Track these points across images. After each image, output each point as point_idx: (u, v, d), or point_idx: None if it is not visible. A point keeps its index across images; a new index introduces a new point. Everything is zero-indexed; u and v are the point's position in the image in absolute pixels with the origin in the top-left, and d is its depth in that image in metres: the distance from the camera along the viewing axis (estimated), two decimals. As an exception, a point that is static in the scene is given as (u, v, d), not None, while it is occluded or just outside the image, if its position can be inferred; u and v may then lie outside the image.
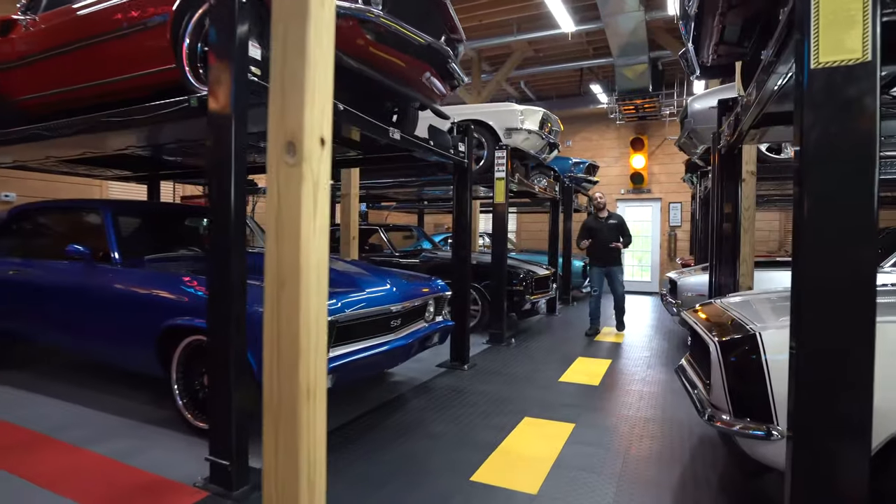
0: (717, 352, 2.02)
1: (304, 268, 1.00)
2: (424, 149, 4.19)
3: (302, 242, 1.00)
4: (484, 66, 10.40)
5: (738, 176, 4.06)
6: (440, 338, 4.32)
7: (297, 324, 1.00)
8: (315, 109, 1.02)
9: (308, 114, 1.00)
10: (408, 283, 3.94)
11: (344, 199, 6.12)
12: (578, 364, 5.21)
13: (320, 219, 1.04)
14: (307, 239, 1.01)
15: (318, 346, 1.04)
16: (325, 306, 1.08)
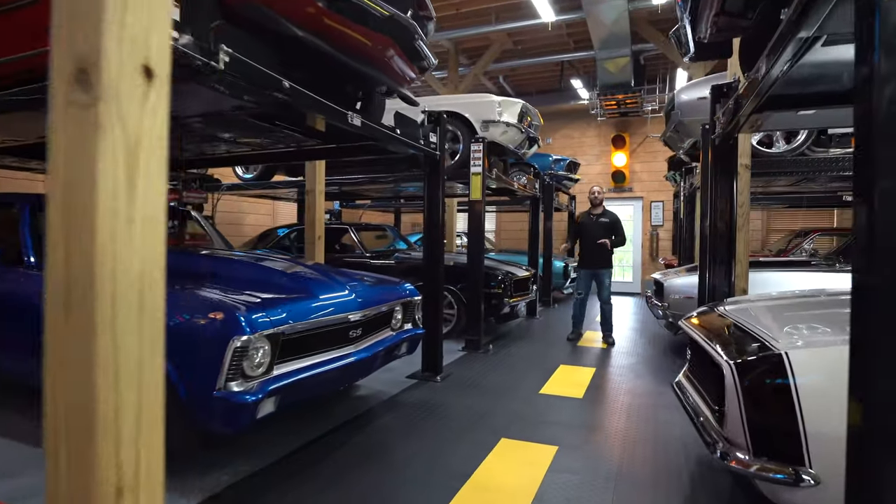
0: (734, 375, 1.64)
1: (101, 286, 0.58)
2: (390, 138, 3.76)
3: (98, 243, 0.58)
4: (461, 59, 10.01)
5: (734, 169, 3.72)
6: (409, 347, 3.91)
7: (91, 380, 0.57)
8: (131, 13, 0.60)
9: (112, 15, 0.58)
10: (371, 288, 3.52)
11: (308, 196, 5.66)
12: (561, 373, 4.83)
13: (143, 204, 0.62)
14: (109, 237, 0.58)
15: (142, 417, 0.62)
16: (156, 349, 0.66)
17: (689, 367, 2.45)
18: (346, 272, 4.08)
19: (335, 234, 7.38)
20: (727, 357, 1.69)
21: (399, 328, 3.84)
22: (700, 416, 1.97)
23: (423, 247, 4.59)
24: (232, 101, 2.70)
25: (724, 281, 3.80)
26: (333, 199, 11.55)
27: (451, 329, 6.27)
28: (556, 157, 10.39)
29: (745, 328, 1.89)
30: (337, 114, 3.12)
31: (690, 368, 2.42)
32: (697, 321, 2.30)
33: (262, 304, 2.58)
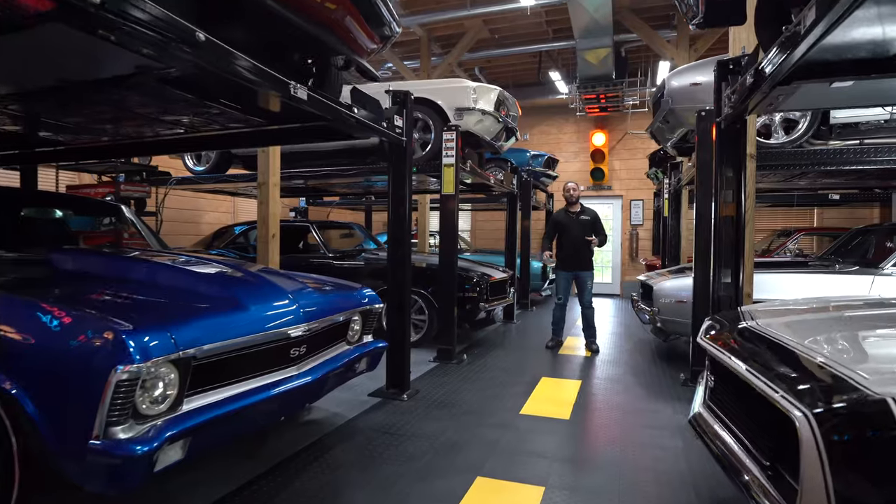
0: (815, 431, 1.13)
1: None
2: (347, 119, 3.19)
3: None
4: (434, 48, 9.46)
5: (741, 156, 3.26)
6: (370, 363, 3.34)
7: None
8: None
9: None
10: (322, 295, 2.94)
11: (261, 189, 5.04)
12: (543, 387, 4.32)
13: None
14: None
15: None
16: None
17: (712, 396, 1.95)
18: (295, 276, 3.49)
19: (295, 232, 6.76)
20: (801, 404, 1.18)
21: (357, 341, 3.27)
22: (743, 474, 1.46)
23: (388, 247, 4.03)
24: (130, 58, 2.10)
25: (730, 284, 3.33)
26: (299, 196, 10.92)
27: (421, 336, 5.72)
28: (535, 153, 9.93)
29: (808, 357, 1.39)
30: (274, 83, 2.53)
31: (714, 397, 1.91)
32: (728, 342, 1.79)
33: (166, 319, 1.98)
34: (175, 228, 9.14)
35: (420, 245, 9.09)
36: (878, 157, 4.44)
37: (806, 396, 1.19)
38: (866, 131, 4.84)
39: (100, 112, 3.12)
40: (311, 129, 3.55)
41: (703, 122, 4.39)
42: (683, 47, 7.81)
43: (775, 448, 1.32)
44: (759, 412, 1.43)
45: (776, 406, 1.26)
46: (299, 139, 4.18)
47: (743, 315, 2.18)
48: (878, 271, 4.67)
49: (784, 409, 1.21)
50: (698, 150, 4.43)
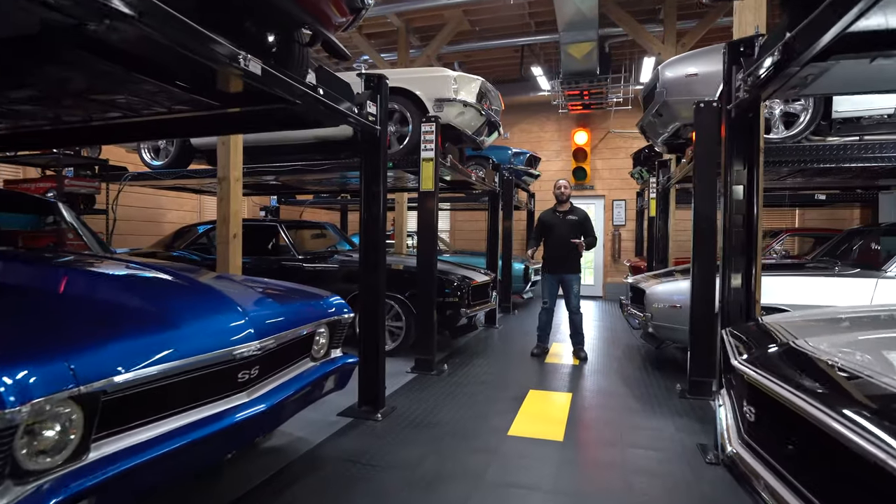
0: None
1: None
2: (312, 101, 2.76)
3: None
4: (412, 40, 9.05)
5: (755, 148, 2.93)
6: (338, 381, 2.92)
7: None
8: None
9: None
10: (279, 306, 2.51)
11: (221, 185, 4.58)
12: (531, 402, 3.95)
13: None
14: None
15: None
16: None
17: (754, 433, 1.59)
18: (252, 282, 3.05)
19: (262, 232, 6.28)
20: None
21: (324, 357, 2.84)
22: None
23: (361, 248, 3.61)
24: (36, 11, 1.66)
25: (740, 290, 3.00)
26: (269, 194, 10.39)
27: (398, 345, 5.31)
28: (516, 151, 9.60)
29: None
30: (219, 51, 2.10)
31: (758, 436, 1.55)
32: (782, 371, 1.42)
33: (63, 345, 1.54)
34: (135, 228, 8.56)
35: (397, 246, 8.67)
36: (883, 154, 4.18)
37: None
38: (868, 127, 4.60)
39: (17, 89, 2.64)
40: (273, 114, 3.12)
41: (701, 114, 4.09)
42: (671, 42, 7.54)
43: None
44: (843, 467, 1.08)
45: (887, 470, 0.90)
46: (260, 126, 3.76)
47: (779, 331, 1.83)
48: (880, 274, 4.42)
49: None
50: (697, 144, 4.12)
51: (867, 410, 1.04)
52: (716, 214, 4.12)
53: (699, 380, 4.11)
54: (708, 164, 4.08)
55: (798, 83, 2.33)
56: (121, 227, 8.01)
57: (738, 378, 1.74)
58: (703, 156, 4.09)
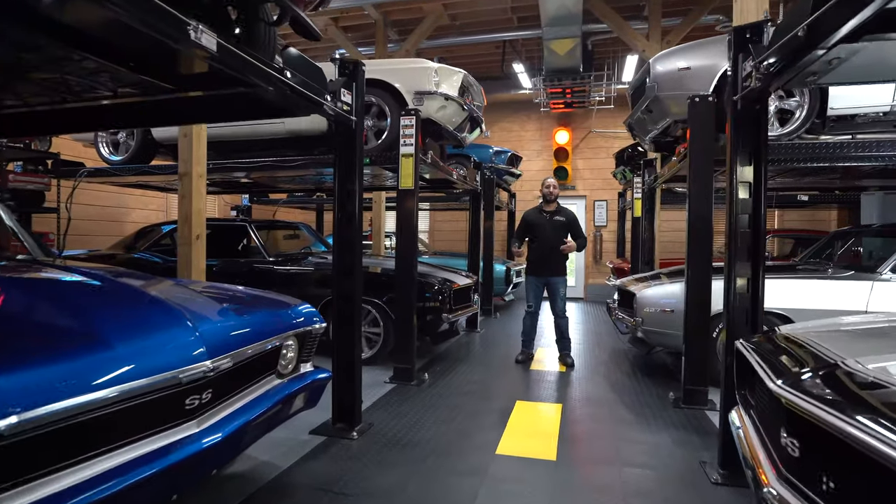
0: None
1: None
2: (278, 85, 2.45)
3: None
4: (390, 34, 8.73)
5: (762, 143, 2.71)
6: (308, 399, 2.62)
7: None
8: None
9: None
10: (237, 318, 2.19)
11: (183, 181, 4.23)
12: (519, 414, 3.69)
13: None
14: None
15: None
16: None
17: (800, 471, 1.34)
18: (213, 289, 2.74)
19: (230, 233, 5.91)
20: None
21: (292, 372, 2.54)
22: None
23: (334, 250, 3.30)
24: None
25: (746, 296, 2.78)
26: (241, 192, 9.96)
27: (375, 352, 5.01)
28: (498, 149, 9.36)
29: None
30: (163, 20, 1.78)
31: (807, 476, 1.30)
32: (848, 408, 1.17)
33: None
34: (96, 228, 8.07)
35: (374, 247, 8.36)
36: (880, 153, 4.04)
37: None
38: (861, 125, 4.46)
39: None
40: (235, 101, 2.80)
41: (696, 108, 3.89)
42: (655, 39, 7.39)
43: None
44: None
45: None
46: (223, 115, 3.43)
47: (817, 348, 1.60)
48: (875, 276, 4.29)
49: None
50: (691, 140, 3.92)
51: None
52: (711, 214, 3.93)
53: (694, 388, 3.90)
54: (703, 162, 3.88)
55: (820, 69, 2.11)
56: (80, 227, 7.53)
57: (770, 402, 1.50)
58: (698, 152, 3.89)
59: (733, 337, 2.80)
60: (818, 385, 1.30)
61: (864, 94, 4.19)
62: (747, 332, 2.79)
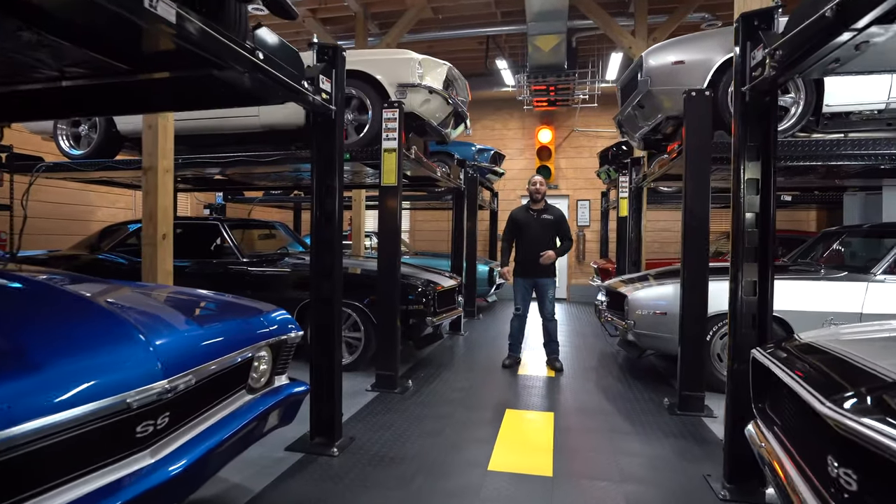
0: None
1: None
2: (247, 64, 2.20)
3: None
4: (371, 27, 8.47)
5: (772, 135, 2.55)
6: (284, 415, 2.38)
7: None
8: None
9: None
10: (202, 328, 1.93)
11: (147, 176, 3.93)
12: (510, 425, 3.49)
13: None
14: None
15: None
16: None
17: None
18: (175, 295, 2.48)
19: (201, 232, 5.59)
20: None
21: (264, 387, 2.29)
22: None
23: (312, 251, 3.04)
24: None
25: (753, 300, 2.62)
26: (215, 190, 9.59)
27: (356, 358, 4.76)
28: (481, 147, 9.16)
29: None
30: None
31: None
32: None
33: None
34: (57, 227, 7.63)
35: (354, 248, 8.08)
36: (878, 151, 3.95)
37: None
38: (856, 123, 4.37)
39: None
40: (203, 86, 2.54)
41: (693, 103, 3.73)
42: (641, 36, 7.28)
43: None
44: None
45: None
46: (190, 102, 3.15)
47: (864, 364, 1.42)
48: (870, 277, 4.20)
49: None
50: (687, 136, 3.76)
51: None
52: (708, 214, 3.78)
53: (690, 394, 3.75)
54: (700, 159, 3.73)
55: (844, 55, 1.95)
56: (41, 226, 7.11)
57: (813, 425, 1.31)
58: (694, 149, 3.73)
59: (740, 343, 2.64)
60: (882, 409, 1.11)
61: (860, 90, 4.10)
62: (754, 337, 2.64)
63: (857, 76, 4.07)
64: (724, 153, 3.98)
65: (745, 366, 2.63)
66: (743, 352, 2.64)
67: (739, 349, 2.65)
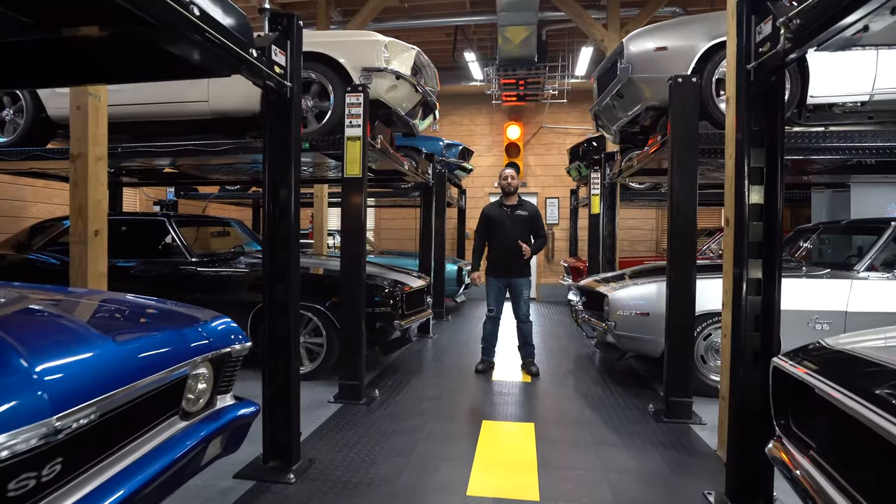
0: None
1: None
2: (181, 21, 1.81)
3: None
4: (333, 15, 8.05)
5: (778, 120, 2.32)
6: (228, 442, 2.00)
7: None
8: None
9: None
10: (114, 346, 1.54)
11: (76, 165, 3.45)
12: (488, 439, 3.18)
13: None
14: None
15: None
16: None
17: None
18: (93, 300, 2.07)
19: (145, 230, 5.09)
20: None
21: (203, 409, 1.91)
22: None
23: (264, 249, 2.66)
24: None
25: (757, 300, 2.38)
26: (166, 185, 8.98)
27: (318, 366, 4.38)
28: (449, 142, 8.84)
29: None
30: None
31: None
32: None
33: None
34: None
35: (316, 246, 7.65)
36: (863, 144, 3.81)
37: None
38: (838, 116, 4.24)
39: None
40: (130, 50, 2.13)
41: (679, 89, 3.50)
42: (614, 28, 7.11)
43: None
44: None
45: None
46: (117, 73, 2.72)
47: None
48: (853, 275, 4.08)
49: None
50: (673, 126, 3.53)
51: None
52: (696, 209, 3.56)
53: (677, 400, 3.52)
54: (687, 150, 3.51)
55: (876, 21, 1.71)
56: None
57: (888, 452, 1.04)
58: (681, 139, 3.50)
59: (744, 347, 2.40)
60: None
61: (845, 81, 3.96)
62: (758, 341, 2.40)
63: (843, 66, 3.95)
64: (708, 145, 3.80)
65: (750, 373, 2.41)
66: (746, 357, 2.41)
67: (743, 354, 2.41)
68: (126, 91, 4.61)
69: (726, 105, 2.98)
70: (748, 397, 2.36)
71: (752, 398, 2.37)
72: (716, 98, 3.92)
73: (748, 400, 2.36)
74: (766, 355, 2.35)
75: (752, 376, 2.38)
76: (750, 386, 2.36)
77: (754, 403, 2.36)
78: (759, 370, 2.38)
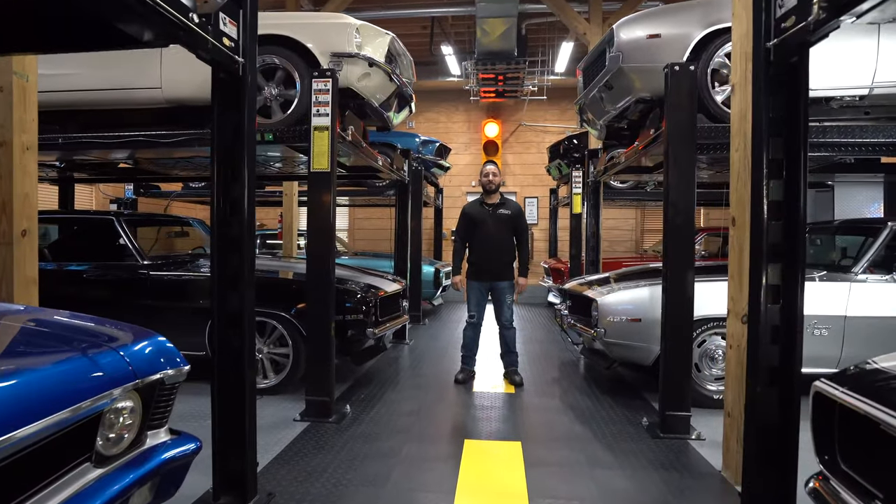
0: None
1: None
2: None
3: None
4: (303, 3, 7.64)
5: (801, 107, 2.05)
6: (161, 487, 1.66)
7: None
8: None
9: None
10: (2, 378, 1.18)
11: (2, 153, 3.01)
12: (472, 460, 2.86)
13: None
14: None
15: None
16: None
17: None
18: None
19: (91, 230, 4.63)
20: None
21: (127, 450, 1.55)
22: None
23: (213, 252, 2.29)
24: None
25: (776, 309, 2.11)
26: (124, 182, 8.44)
27: (283, 379, 4.00)
28: (426, 139, 8.50)
29: None
30: None
31: None
32: None
33: None
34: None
35: (286, 248, 7.24)
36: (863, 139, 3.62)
37: None
38: (834, 111, 4.05)
39: None
40: (45, 11, 1.75)
41: (676, 77, 3.24)
42: (596, 22, 6.88)
43: None
44: None
45: None
46: (36, 39, 2.31)
47: None
48: (851, 277, 3.89)
49: None
50: (670, 117, 3.27)
51: None
52: (694, 207, 3.31)
53: (674, 414, 3.26)
54: (684, 143, 3.25)
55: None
56: None
57: None
58: (678, 132, 3.24)
59: (762, 360, 2.13)
60: None
61: (844, 74, 3.77)
62: (776, 353, 2.14)
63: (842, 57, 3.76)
64: (704, 139, 3.55)
65: (768, 389, 2.15)
66: (762, 370, 2.14)
67: (760, 368, 2.14)
68: (69, 76, 4.17)
69: (731, 93, 2.72)
70: (769, 417, 2.09)
71: (769, 417, 2.10)
72: (711, 90, 3.69)
73: (770, 419, 2.09)
74: (786, 371, 2.10)
75: (769, 395, 2.12)
76: (769, 408, 2.09)
77: (772, 424, 2.10)
78: (776, 387, 2.12)
